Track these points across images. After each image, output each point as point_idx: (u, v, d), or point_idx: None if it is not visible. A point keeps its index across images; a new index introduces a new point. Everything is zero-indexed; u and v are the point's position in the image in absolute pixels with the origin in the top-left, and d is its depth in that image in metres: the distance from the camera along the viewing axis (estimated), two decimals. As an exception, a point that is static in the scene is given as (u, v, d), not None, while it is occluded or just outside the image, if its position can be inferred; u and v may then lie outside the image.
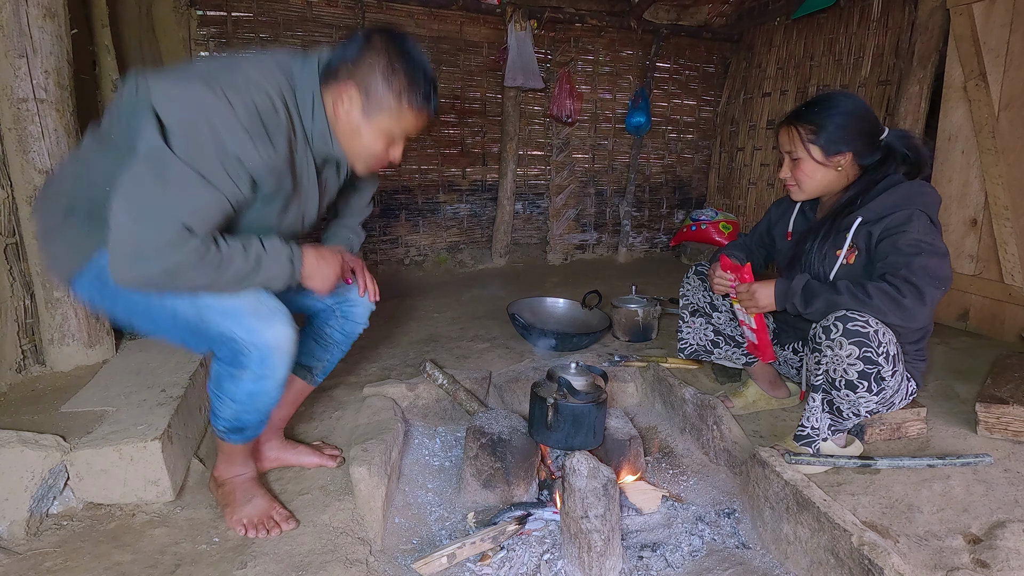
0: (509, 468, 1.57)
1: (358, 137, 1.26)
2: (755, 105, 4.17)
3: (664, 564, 1.39)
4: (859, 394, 1.39)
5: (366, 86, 1.21)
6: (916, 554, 1.25)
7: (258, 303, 1.19)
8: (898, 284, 1.38)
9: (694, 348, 1.92)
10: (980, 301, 2.65)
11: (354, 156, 1.31)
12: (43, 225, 1.27)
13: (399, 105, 1.23)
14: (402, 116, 1.25)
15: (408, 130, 1.28)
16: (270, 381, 1.24)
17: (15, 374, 1.76)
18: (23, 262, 1.76)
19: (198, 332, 1.21)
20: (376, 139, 1.27)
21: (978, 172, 2.60)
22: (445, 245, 3.96)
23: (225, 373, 1.24)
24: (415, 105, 1.24)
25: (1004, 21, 2.45)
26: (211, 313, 1.18)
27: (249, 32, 3.21)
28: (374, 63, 1.20)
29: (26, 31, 1.63)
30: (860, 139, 1.52)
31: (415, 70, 1.23)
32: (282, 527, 1.35)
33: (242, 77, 1.11)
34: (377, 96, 1.22)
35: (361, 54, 1.20)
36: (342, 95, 1.22)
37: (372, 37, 1.22)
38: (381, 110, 1.23)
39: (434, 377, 2.01)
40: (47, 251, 1.27)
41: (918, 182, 1.51)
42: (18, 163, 1.68)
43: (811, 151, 1.54)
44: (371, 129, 1.25)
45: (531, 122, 3.98)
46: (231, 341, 1.19)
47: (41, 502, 1.34)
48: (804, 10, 3.60)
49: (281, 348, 1.21)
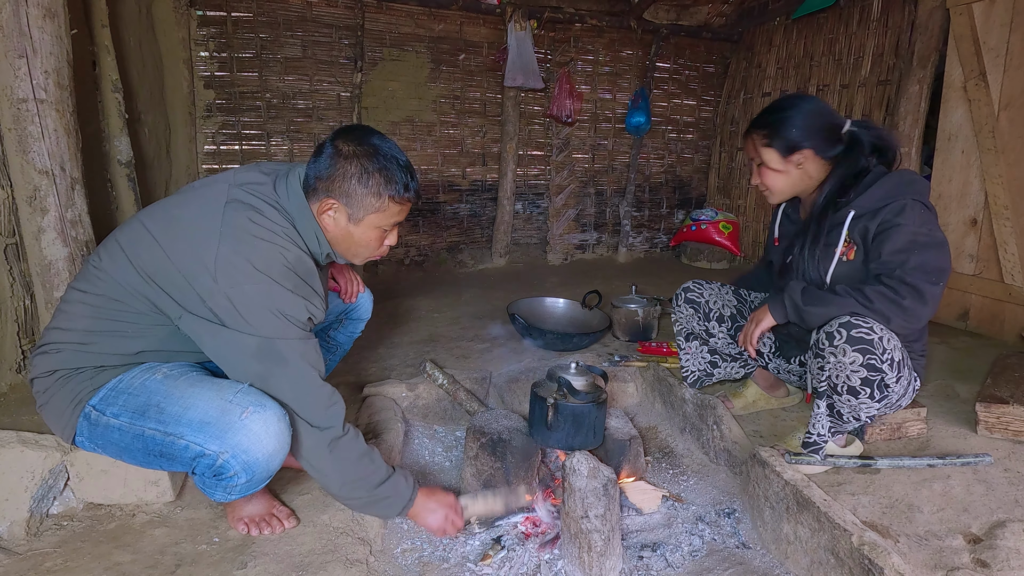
0: (509, 468, 1.57)
1: (352, 241, 1.31)
2: (755, 105, 4.16)
3: (664, 564, 1.39)
4: (860, 400, 1.38)
5: (346, 196, 1.24)
6: (916, 554, 1.25)
7: (228, 404, 1.17)
8: (895, 286, 1.36)
9: (696, 375, 1.89)
10: (980, 301, 2.65)
11: (352, 256, 1.36)
12: (43, 392, 1.25)
13: (381, 203, 1.26)
14: (387, 211, 1.28)
15: (397, 219, 1.32)
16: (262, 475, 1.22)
17: (15, 374, 1.76)
18: (23, 262, 1.76)
19: (169, 454, 1.19)
20: (369, 237, 1.31)
21: (978, 172, 2.60)
22: (445, 245, 3.96)
23: (211, 484, 1.22)
24: (397, 197, 1.27)
25: (1004, 21, 2.45)
26: (178, 428, 1.17)
27: (249, 32, 3.22)
28: (347, 172, 1.23)
29: (26, 31, 1.62)
30: (815, 134, 1.51)
31: (388, 165, 1.25)
32: (284, 524, 1.35)
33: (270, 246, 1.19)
34: (358, 202, 1.25)
35: (333, 167, 1.24)
36: (326, 210, 1.25)
37: (338, 145, 1.24)
38: (366, 212, 1.27)
39: (434, 377, 2.01)
40: (49, 414, 1.27)
41: (905, 171, 1.51)
42: (18, 163, 1.68)
43: (767, 155, 1.55)
44: (361, 231, 1.29)
45: (531, 122, 3.98)
46: (203, 456, 1.16)
47: (41, 502, 1.34)
48: (804, 10, 3.60)
49: (266, 453, 1.17)
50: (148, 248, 1.19)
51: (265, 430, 1.16)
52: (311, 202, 1.26)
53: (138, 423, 1.18)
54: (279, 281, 1.16)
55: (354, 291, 1.67)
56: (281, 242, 1.19)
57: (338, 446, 1.22)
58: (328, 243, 1.30)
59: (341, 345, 1.73)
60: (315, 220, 1.27)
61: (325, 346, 1.72)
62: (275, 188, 1.26)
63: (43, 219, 1.72)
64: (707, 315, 1.81)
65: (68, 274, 1.77)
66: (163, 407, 1.18)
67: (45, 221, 1.72)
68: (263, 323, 1.15)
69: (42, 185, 1.70)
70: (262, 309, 1.14)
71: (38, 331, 1.82)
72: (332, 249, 1.32)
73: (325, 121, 3.49)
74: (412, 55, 3.59)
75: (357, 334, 1.74)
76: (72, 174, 1.76)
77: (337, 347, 1.73)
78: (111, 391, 1.22)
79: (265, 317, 1.15)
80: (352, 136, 1.26)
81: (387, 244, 1.36)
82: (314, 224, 1.27)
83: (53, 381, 1.22)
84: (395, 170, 1.26)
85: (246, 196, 1.21)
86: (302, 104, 3.42)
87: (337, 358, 1.75)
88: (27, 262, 1.76)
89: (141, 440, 1.19)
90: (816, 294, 1.45)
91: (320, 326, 1.69)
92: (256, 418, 1.15)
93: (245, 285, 1.14)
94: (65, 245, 1.76)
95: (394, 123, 3.64)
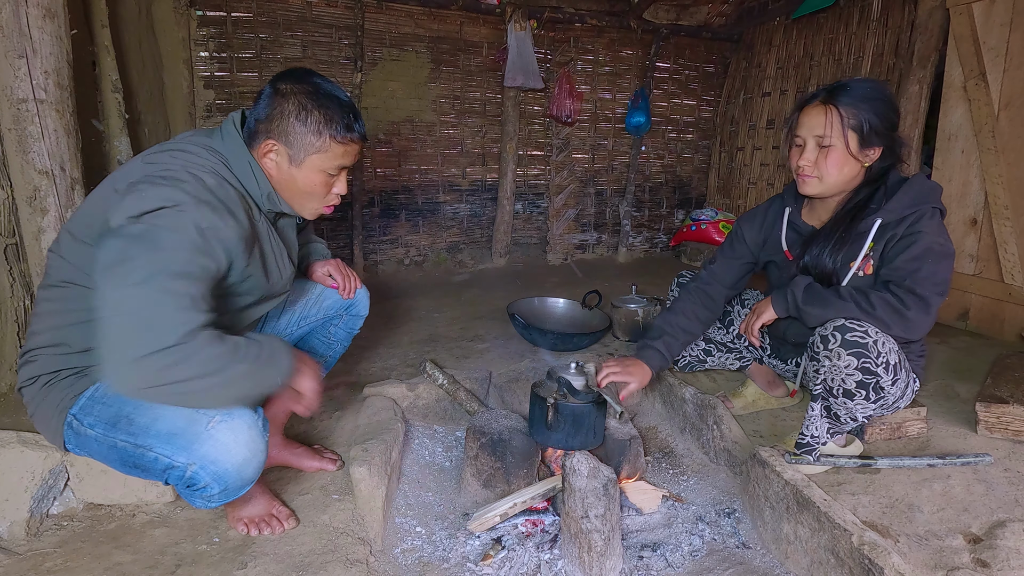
0: (509, 468, 1.57)
1: (296, 186, 1.26)
2: (755, 105, 4.17)
3: (664, 564, 1.39)
4: (856, 402, 1.38)
5: (284, 135, 1.21)
6: (916, 554, 1.25)
7: (195, 413, 1.11)
8: (902, 295, 1.34)
9: (688, 360, 1.93)
10: (980, 301, 2.65)
11: (299, 205, 1.31)
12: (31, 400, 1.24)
13: (323, 142, 1.22)
14: (330, 152, 1.24)
15: (342, 162, 1.27)
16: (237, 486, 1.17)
17: (15, 374, 1.75)
18: (23, 262, 1.76)
19: (140, 466, 1.16)
20: (313, 182, 1.26)
21: (978, 172, 2.60)
22: (445, 245, 3.96)
23: (187, 496, 1.19)
24: (338, 136, 1.23)
25: (1004, 20, 2.45)
26: (147, 439, 1.13)
27: (249, 32, 3.22)
28: (284, 110, 1.20)
29: (26, 31, 1.62)
30: (891, 135, 1.43)
31: (328, 102, 1.22)
32: (284, 524, 1.35)
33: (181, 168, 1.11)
34: (298, 141, 1.21)
35: (271, 107, 1.21)
36: (267, 152, 1.22)
37: (277, 86, 1.22)
38: (307, 153, 1.23)
39: (434, 377, 2.01)
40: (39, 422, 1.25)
41: (923, 177, 1.47)
42: (18, 163, 1.68)
43: (849, 139, 1.39)
44: (304, 174, 1.25)
45: (531, 122, 3.98)
46: (172, 468, 1.13)
47: (41, 502, 1.34)
48: (804, 10, 3.60)
49: (237, 462, 1.13)
50: (80, 212, 1.18)
51: (234, 439, 1.12)
52: (252, 147, 1.22)
53: (111, 434, 1.15)
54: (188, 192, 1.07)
55: (352, 287, 1.66)
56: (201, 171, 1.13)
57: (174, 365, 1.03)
58: (271, 187, 1.25)
59: (340, 341, 1.74)
60: (254, 161, 1.22)
61: (325, 342, 1.72)
62: (208, 136, 1.24)
63: (43, 219, 1.72)
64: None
65: (68, 274, 1.77)
66: (132, 418, 1.14)
67: (45, 221, 1.72)
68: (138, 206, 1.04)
69: (42, 185, 1.70)
70: (146, 199, 1.04)
71: (38, 331, 1.82)
72: (277, 195, 1.27)
73: (325, 121, 3.49)
74: (412, 55, 3.59)
75: (356, 331, 1.75)
76: (72, 174, 1.76)
77: (337, 343, 1.74)
78: (89, 400, 1.19)
79: (144, 202, 1.04)
80: (292, 76, 1.23)
81: (335, 192, 1.31)
82: (252, 163, 1.22)
83: (37, 389, 1.21)
84: (335, 108, 1.22)
85: (171, 144, 1.19)
86: (302, 104, 3.41)
87: (337, 355, 1.76)
88: (27, 262, 1.76)
89: (115, 451, 1.16)
90: (818, 294, 1.43)
91: (320, 322, 1.69)
92: (223, 427, 1.12)
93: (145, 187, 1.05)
94: (65, 245, 1.76)
95: (394, 123, 3.64)
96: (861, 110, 1.38)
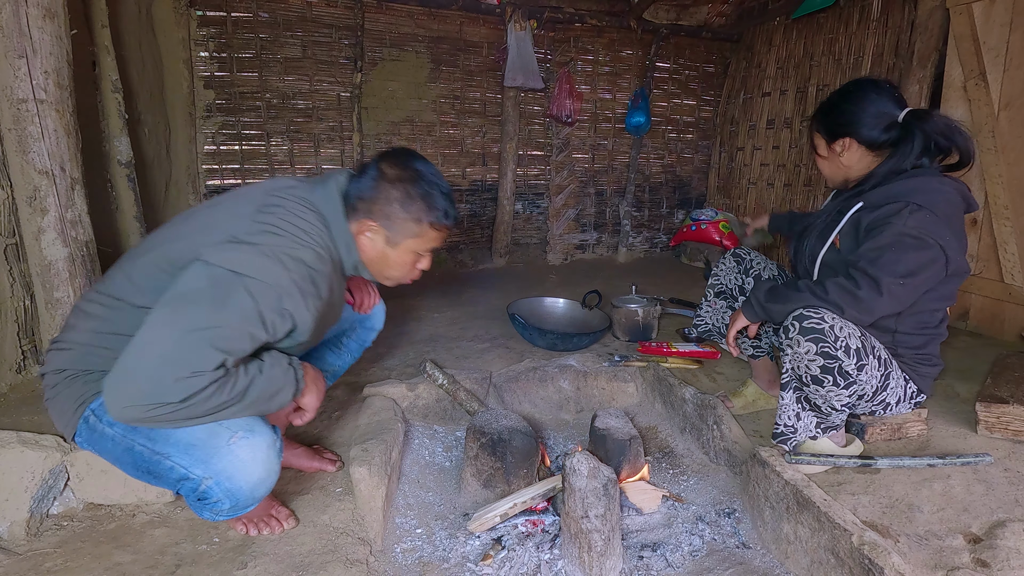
0: (509, 468, 1.57)
1: (387, 263, 1.32)
2: (755, 105, 4.16)
3: (664, 564, 1.39)
4: (827, 388, 1.40)
5: (386, 219, 1.25)
6: (916, 553, 1.25)
7: (217, 427, 1.12)
8: (856, 276, 1.39)
9: (708, 327, 1.93)
10: (980, 301, 2.65)
11: (383, 277, 1.37)
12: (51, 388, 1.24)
13: (421, 228, 1.28)
14: (425, 237, 1.30)
15: (434, 245, 1.33)
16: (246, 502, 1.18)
17: (15, 375, 1.76)
18: (23, 262, 1.76)
19: (155, 472, 1.17)
20: (404, 262, 1.32)
21: (978, 172, 2.60)
22: (445, 245, 3.95)
23: (197, 508, 1.20)
24: (437, 225, 1.28)
25: (1004, 20, 2.45)
26: (165, 447, 1.14)
27: (248, 32, 3.21)
28: (390, 196, 1.24)
29: (26, 31, 1.62)
30: (856, 122, 1.49)
31: (431, 191, 1.26)
32: (284, 524, 1.35)
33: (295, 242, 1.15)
34: (398, 226, 1.26)
35: (376, 189, 1.25)
36: (364, 231, 1.26)
37: (383, 168, 1.25)
38: (405, 237, 1.28)
39: (434, 377, 2.01)
40: (53, 411, 1.25)
41: (934, 177, 1.43)
42: (18, 163, 1.68)
43: (816, 140, 1.58)
44: (397, 254, 1.30)
45: (531, 122, 3.98)
46: (187, 480, 1.14)
47: (41, 502, 1.34)
48: (804, 10, 3.60)
49: (251, 481, 1.15)
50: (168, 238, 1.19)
51: (252, 457, 1.13)
52: (350, 220, 1.26)
53: (130, 436, 1.16)
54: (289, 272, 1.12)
55: (369, 303, 1.69)
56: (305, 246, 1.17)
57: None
58: (359, 259, 1.30)
59: (351, 352, 1.75)
60: (349, 232, 1.26)
61: (336, 351, 1.72)
62: (311, 191, 1.26)
63: (43, 219, 1.72)
64: (747, 270, 1.84)
65: (68, 274, 1.78)
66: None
67: (45, 221, 1.72)
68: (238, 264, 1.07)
69: (42, 185, 1.70)
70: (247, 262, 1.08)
71: (38, 331, 1.82)
72: (363, 266, 1.32)
73: (325, 121, 3.49)
74: (412, 55, 3.59)
75: (368, 343, 1.76)
76: (72, 174, 1.77)
77: (347, 354, 1.75)
78: None
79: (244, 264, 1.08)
80: (397, 160, 1.27)
81: (420, 268, 1.37)
82: (348, 234, 1.26)
83: (62, 379, 1.22)
84: (438, 196, 1.27)
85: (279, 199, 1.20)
86: (302, 104, 3.42)
87: (346, 364, 1.77)
88: (27, 262, 1.76)
89: (131, 454, 1.17)
90: (778, 292, 1.49)
91: (333, 332, 1.69)
92: (244, 444, 1.12)
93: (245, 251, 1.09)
94: (65, 245, 1.76)
95: (394, 123, 3.64)
96: (820, 114, 1.57)
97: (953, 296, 1.53)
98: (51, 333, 1.81)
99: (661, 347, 2.40)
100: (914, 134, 1.43)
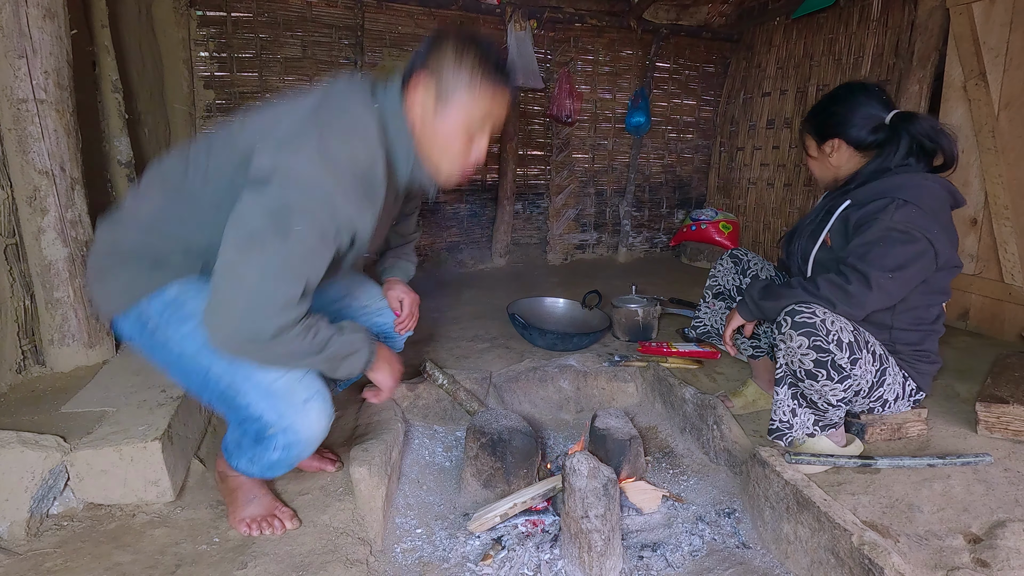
0: (509, 468, 1.57)
1: (436, 140, 1.23)
2: (755, 105, 4.16)
3: (664, 564, 1.39)
4: (821, 383, 1.40)
5: (438, 71, 1.19)
6: (916, 553, 1.25)
7: (297, 383, 1.18)
8: (846, 271, 1.42)
9: (707, 329, 1.93)
10: (980, 301, 2.65)
11: (435, 165, 1.27)
12: (97, 264, 1.25)
13: (473, 81, 1.20)
14: (478, 96, 1.21)
15: (488, 111, 1.24)
16: (294, 459, 1.23)
17: (15, 375, 1.76)
18: (23, 262, 1.76)
19: (226, 401, 1.20)
20: (456, 137, 1.23)
21: (978, 172, 2.60)
22: (445, 245, 3.96)
23: (247, 446, 1.23)
24: (489, 77, 1.21)
25: (1004, 20, 2.45)
26: (245, 384, 1.17)
27: (248, 32, 3.21)
28: (442, 48, 1.20)
29: (26, 32, 1.63)
30: (844, 124, 1.53)
31: (484, 46, 1.22)
32: (287, 524, 1.35)
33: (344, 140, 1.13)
34: (450, 77, 1.19)
35: (430, 48, 1.22)
36: (417, 91, 1.20)
37: (439, 33, 1.23)
38: (456, 90, 1.19)
39: (434, 377, 2.01)
40: (97, 289, 1.26)
41: (919, 174, 1.46)
42: (18, 163, 1.68)
43: (807, 141, 1.64)
44: (450, 125, 1.22)
45: (531, 122, 3.98)
46: (257, 420, 1.18)
47: (41, 502, 1.34)
48: (804, 10, 3.60)
49: (311, 439, 1.20)
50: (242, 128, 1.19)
51: (318, 421, 1.19)
52: (406, 92, 1.22)
53: (206, 359, 1.17)
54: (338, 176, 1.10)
55: (409, 327, 1.70)
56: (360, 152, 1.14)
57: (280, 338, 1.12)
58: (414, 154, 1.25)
59: None
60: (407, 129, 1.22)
61: None
62: (372, 89, 1.23)
63: (43, 219, 1.72)
64: (745, 271, 1.86)
65: (68, 274, 1.78)
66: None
67: (45, 221, 1.72)
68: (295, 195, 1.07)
69: (42, 185, 1.71)
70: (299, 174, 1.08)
71: (38, 331, 1.82)
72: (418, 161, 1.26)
73: (325, 121, 3.49)
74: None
75: None
76: (72, 174, 1.77)
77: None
78: (178, 308, 1.20)
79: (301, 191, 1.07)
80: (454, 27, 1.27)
81: (476, 153, 1.27)
82: (406, 135, 1.22)
83: (110, 261, 1.22)
84: (491, 52, 1.22)
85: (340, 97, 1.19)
86: (302, 104, 3.41)
87: None
88: (27, 262, 1.76)
89: (202, 376, 1.19)
90: (772, 289, 1.51)
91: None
92: (315, 407, 1.18)
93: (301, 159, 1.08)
94: (65, 245, 1.76)
95: (394, 123, 3.64)
96: (809, 116, 1.63)
97: (947, 291, 1.55)
98: (51, 333, 1.81)
99: (661, 347, 2.40)
100: (900, 135, 1.48)
